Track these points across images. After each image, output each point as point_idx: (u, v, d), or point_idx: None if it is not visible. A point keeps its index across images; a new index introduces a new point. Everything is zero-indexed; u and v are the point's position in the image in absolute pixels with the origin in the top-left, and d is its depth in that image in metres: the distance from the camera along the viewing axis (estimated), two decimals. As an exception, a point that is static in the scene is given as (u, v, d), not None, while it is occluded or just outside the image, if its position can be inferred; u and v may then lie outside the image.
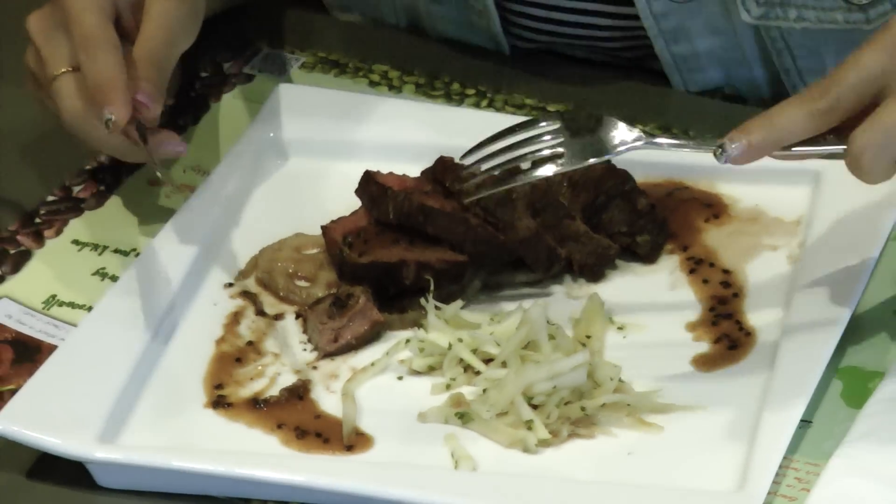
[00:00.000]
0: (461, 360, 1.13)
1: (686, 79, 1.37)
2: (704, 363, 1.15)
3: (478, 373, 1.13)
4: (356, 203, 1.23)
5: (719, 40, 1.35)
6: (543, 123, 1.14)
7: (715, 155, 1.10)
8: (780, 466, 1.06)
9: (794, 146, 1.09)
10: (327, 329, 1.15)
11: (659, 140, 1.14)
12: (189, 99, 1.33)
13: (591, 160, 1.12)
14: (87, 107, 1.20)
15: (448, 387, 1.13)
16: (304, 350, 1.16)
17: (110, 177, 1.30)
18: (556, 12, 1.39)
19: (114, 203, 1.28)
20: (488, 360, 1.13)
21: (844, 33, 1.31)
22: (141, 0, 1.25)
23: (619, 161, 1.22)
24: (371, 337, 1.16)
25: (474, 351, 1.13)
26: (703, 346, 1.16)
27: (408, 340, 1.15)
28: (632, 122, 1.30)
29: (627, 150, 1.13)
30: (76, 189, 1.29)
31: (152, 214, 1.26)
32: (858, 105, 1.08)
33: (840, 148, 1.08)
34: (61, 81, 1.22)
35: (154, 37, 1.24)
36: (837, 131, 1.09)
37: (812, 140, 1.09)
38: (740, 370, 1.14)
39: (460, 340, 1.13)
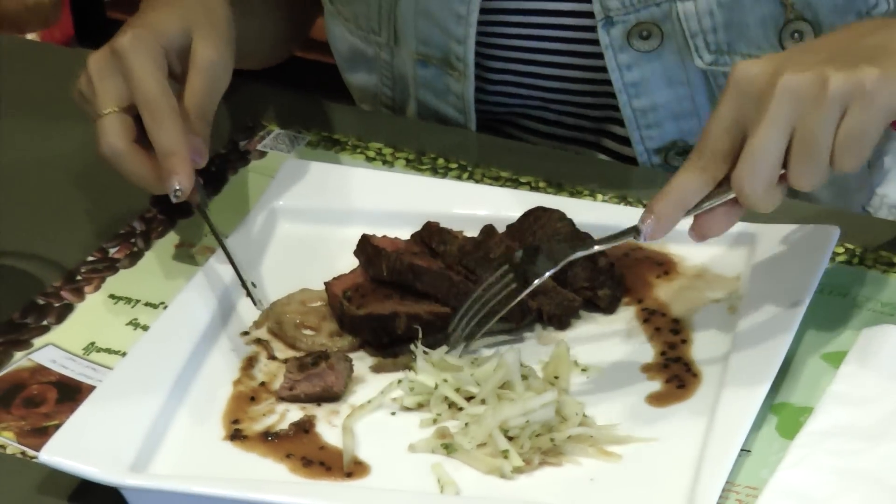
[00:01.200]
0: (446, 398, 1.13)
1: (644, 136, 1.36)
2: (657, 400, 1.14)
3: (460, 409, 1.12)
4: (354, 262, 1.22)
5: (674, 92, 1.35)
6: (495, 277, 1.15)
7: (634, 239, 1.10)
8: (723, 490, 1.05)
9: (698, 205, 1.09)
10: (289, 378, 1.15)
11: (587, 248, 1.14)
12: (210, 173, 1.33)
13: (535, 282, 1.13)
14: (135, 158, 1.21)
15: (434, 421, 1.12)
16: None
17: (141, 240, 1.29)
18: (533, 66, 1.39)
19: (145, 262, 1.28)
20: (470, 398, 1.12)
21: None
22: (186, 47, 1.25)
23: (582, 226, 1.23)
24: (324, 398, 1.14)
25: (457, 390, 1.12)
26: (656, 386, 1.15)
27: (399, 381, 1.14)
28: (594, 194, 1.31)
29: (560, 266, 1.13)
30: (112, 251, 1.28)
31: (178, 272, 1.25)
32: (732, 151, 1.08)
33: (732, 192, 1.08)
34: (107, 120, 1.22)
35: (201, 88, 1.24)
36: (729, 179, 1.09)
37: (710, 194, 1.09)
38: (688, 406, 1.13)
39: (445, 381, 1.13)
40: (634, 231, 1.10)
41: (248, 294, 1.19)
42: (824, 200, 1.41)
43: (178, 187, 1.20)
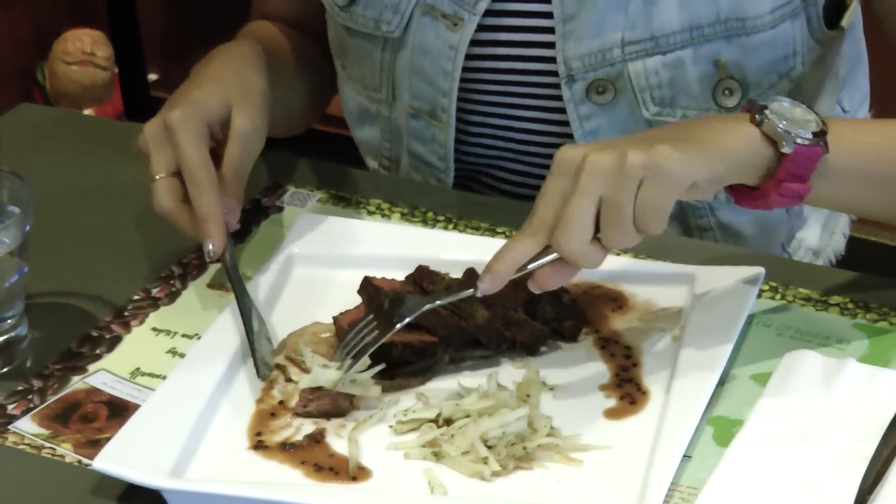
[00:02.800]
0: (437, 415, 1.12)
1: None
2: (612, 414, 1.13)
3: (448, 423, 1.11)
4: (357, 300, 1.21)
5: None
6: (365, 321, 1.15)
7: (474, 294, 1.11)
8: (668, 490, 1.05)
9: (528, 264, 1.09)
10: (303, 398, 1.13)
11: (433, 302, 1.14)
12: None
13: (390, 332, 1.13)
14: (183, 214, 1.21)
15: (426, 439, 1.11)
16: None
17: (179, 282, 1.28)
18: (507, 119, 1.39)
19: (182, 300, 1.27)
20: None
21: None
22: (226, 118, 1.25)
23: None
24: (333, 414, 1.13)
25: (447, 419, 1.12)
26: (611, 402, 1.14)
27: (405, 412, 1.13)
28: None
29: (414, 316, 1.13)
30: (154, 290, 1.27)
31: (209, 309, 1.25)
32: (555, 220, 1.08)
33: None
34: (159, 183, 1.22)
35: (237, 155, 1.24)
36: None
37: (539, 255, 1.09)
38: (639, 419, 1.12)
39: (440, 413, 1.12)
40: (474, 288, 1.11)
41: (254, 360, 1.17)
42: (750, 237, 1.40)
43: (210, 249, 1.20)
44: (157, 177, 1.22)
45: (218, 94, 1.26)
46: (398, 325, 1.13)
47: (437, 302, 1.14)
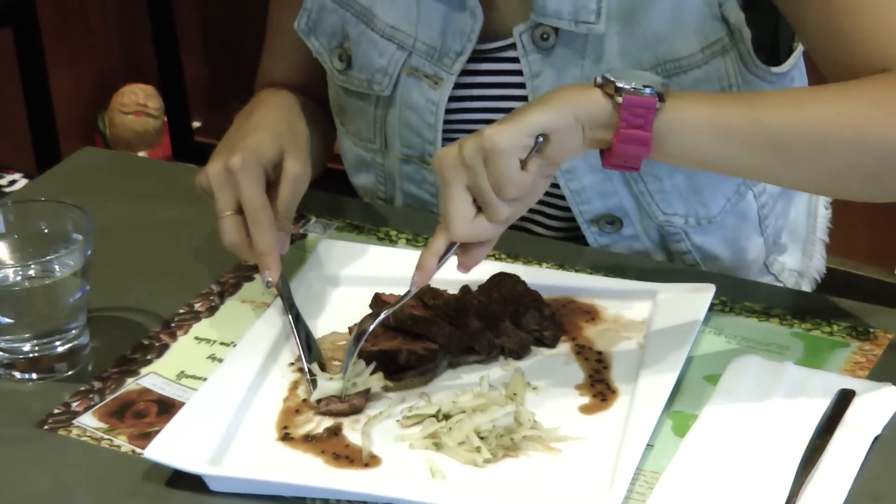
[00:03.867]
0: (438, 411, 1.12)
1: (581, 210, 1.34)
2: (587, 410, 1.13)
3: (447, 418, 1.12)
4: (369, 313, 1.21)
5: (597, 176, 1.32)
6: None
7: (410, 291, 1.13)
8: (634, 474, 1.05)
9: (446, 253, 1.11)
10: (324, 399, 1.14)
11: (388, 310, 1.15)
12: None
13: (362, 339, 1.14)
14: (247, 245, 1.22)
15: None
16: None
17: (217, 298, 1.28)
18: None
19: (220, 313, 1.27)
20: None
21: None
22: (279, 162, 1.26)
23: (531, 285, 1.22)
24: (348, 412, 1.13)
25: (446, 414, 1.12)
26: (586, 400, 1.14)
27: (410, 408, 1.13)
28: (539, 263, 1.30)
29: (375, 323, 1.15)
30: (196, 305, 1.28)
31: (243, 321, 1.24)
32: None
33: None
34: (225, 220, 1.22)
35: (289, 196, 1.24)
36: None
37: (450, 245, 1.11)
38: (610, 414, 1.12)
39: (439, 410, 1.12)
40: (411, 286, 1.12)
41: (309, 377, 1.16)
42: (726, 259, 1.39)
43: (269, 279, 1.20)
44: (223, 215, 1.22)
45: (272, 141, 1.26)
46: (363, 336, 1.14)
47: (391, 310, 1.15)
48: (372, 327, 1.14)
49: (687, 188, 1.32)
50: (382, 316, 1.15)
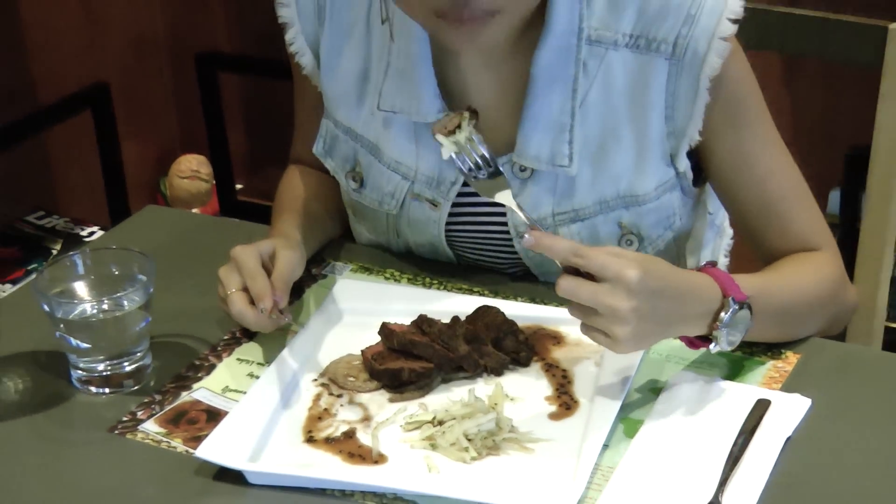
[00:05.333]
0: (433, 418, 1.12)
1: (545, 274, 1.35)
2: (554, 417, 1.13)
3: (440, 423, 1.12)
4: (377, 338, 1.22)
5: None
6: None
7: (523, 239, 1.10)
8: (592, 469, 1.05)
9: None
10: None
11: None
12: (295, 287, 1.32)
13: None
14: (250, 310, 1.20)
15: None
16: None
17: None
18: (484, 249, 1.38)
19: (257, 339, 1.27)
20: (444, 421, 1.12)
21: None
22: (273, 252, 1.26)
23: (509, 316, 1.22)
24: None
25: (441, 421, 1.12)
26: (553, 408, 1.14)
27: (410, 416, 1.14)
28: (515, 298, 1.30)
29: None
30: (237, 332, 1.28)
31: (277, 345, 1.24)
32: (591, 292, 1.07)
33: None
34: (234, 296, 1.22)
35: (283, 272, 1.24)
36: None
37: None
38: (572, 420, 1.12)
39: (434, 417, 1.13)
40: (523, 234, 1.11)
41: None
42: None
43: (264, 307, 1.20)
44: (231, 291, 1.22)
45: (268, 242, 1.28)
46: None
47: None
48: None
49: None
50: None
